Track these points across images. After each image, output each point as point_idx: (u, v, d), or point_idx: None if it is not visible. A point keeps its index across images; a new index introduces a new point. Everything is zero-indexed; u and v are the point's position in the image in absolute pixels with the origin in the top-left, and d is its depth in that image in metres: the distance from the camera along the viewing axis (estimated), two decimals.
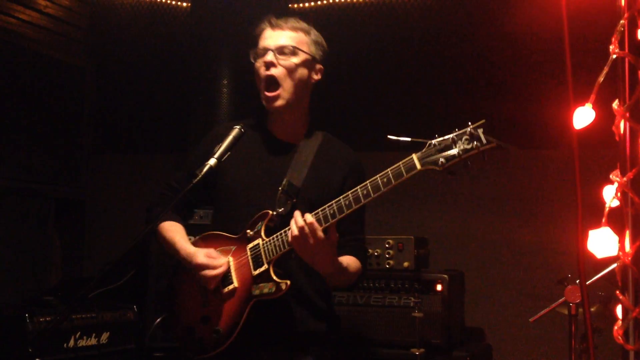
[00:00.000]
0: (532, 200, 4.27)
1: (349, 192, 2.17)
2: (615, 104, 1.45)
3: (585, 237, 1.47)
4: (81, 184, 4.63)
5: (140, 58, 5.23)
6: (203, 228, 2.61)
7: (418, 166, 2.06)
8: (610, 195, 1.43)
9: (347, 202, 2.15)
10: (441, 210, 4.12)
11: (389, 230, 3.96)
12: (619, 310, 1.41)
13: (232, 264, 2.35)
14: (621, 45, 1.46)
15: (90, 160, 4.69)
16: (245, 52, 3.29)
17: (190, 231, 3.76)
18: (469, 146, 1.99)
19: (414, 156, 2.08)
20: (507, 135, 2.31)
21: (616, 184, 1.42)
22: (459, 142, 2.01)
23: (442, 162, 2.03)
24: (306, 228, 2.14)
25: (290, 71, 2.41)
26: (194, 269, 2.35)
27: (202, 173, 2.27)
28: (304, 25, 2.49)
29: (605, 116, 1.52)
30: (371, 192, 2.12)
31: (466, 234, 4.51)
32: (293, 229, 2.17)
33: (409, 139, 2.07)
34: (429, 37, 4.42)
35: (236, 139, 2.41)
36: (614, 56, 1.45)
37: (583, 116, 1.47)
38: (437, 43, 4.34)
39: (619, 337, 1.37)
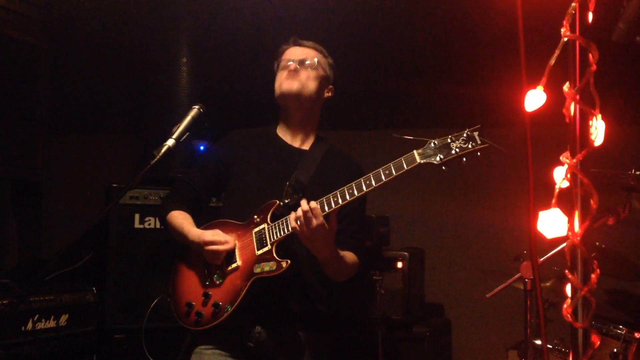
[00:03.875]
0: (488, 180, 4.35)
1: (353, 182, 2.35)
2: (565, 87, 1.47)
3: (536, 217, 1.50)
4: (38, 165, 4.51)
5: (98, 36, 5.12)
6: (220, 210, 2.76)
7: (418, 159, 2.29)
8: (560, 177, 1.46)
9: (350, 191, 2.35)
10: (402, 190, 4.15)
11: None
12: (568, 288, 1.44)
13: (237, 245, 2.53)
14: (572, 28, 1.48)
15: (47, 141, 4.58)
16: (205, 30, 3.25)
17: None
18: (465, 145, 2.26)
19: (415, 152, 2.30)
20: (462, 115, 2.34)
21: (566, 166, 1.44)
22: (457, 141, 2.28)
23: (440, 158, 2.28)
24: (309, 212, 2.32)
25: (309, 78, 2.66)
26: (202, 245, 2.51)
27: (160, 153, 2.42)
28: (322, 49, 2.76)
29: (556, 98, 1.54)
30: (373, 182, 2.32)
31: (426, 213, 4.57)
32: (297, 211, 2.36)
33: (411, 137, 2.30)
34: (385, 21, 4.40)
35: (195, 119, 2.55)
36: (565, 39, 1.47)
37: (534, 99, 1.48)
38: (393, 26, 4.33)
39: (568, 315, 1.41)
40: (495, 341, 4.17)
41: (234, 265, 2.50)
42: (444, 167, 2.29)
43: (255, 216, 2.54)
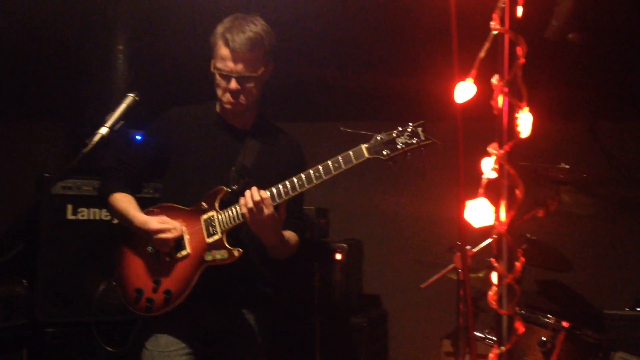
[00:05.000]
0: (425, 172, 4.41)
1: (302, 173, 2.41)
2: (494, 79, 1.50)
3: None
4: None
5: (33, 20, 4.95)
6: (155, 201, 2.73)
7: (366, 154, 2.37)
8: (487, 167, 1.48)
9: (300, 182, 2.41)
10: (341, 183, 4.16)
11: None
12: (494, 277, 1.47)
13: (185, 232, 2.54)
14: (502, 22, 1.51)
15: None
16: (142, 17, 3.15)
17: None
18: (410, 141, 2.34)
19: (363, 146, 2.38)
20: (398, 108, 2.39)
21: (494, 157, 1.47)
22: (402, 137, 2.35)
23: (387, 152, 2.35)
24: (261, 202, 2.37)
25: (252, 89, 2.60)
26: (149, 234, 2.51)
27: (93, 142, 2.41)
28: (257, 34, 2.57)
29: (488, 90, 1.56)
30: (322, 174, 2.38)
31: (364, 206, 4.62)
32: (249, 201, 2.39)
33: (359, 132, 2.37)
34: (321, 13, 4.37)
35: (130, 107, 2.51)
36: (495, 32, 1.50)
37: (464, 90, 1.51)
38: (327, 18, 4.29)
39: (494, 303, 1.44)
40: (430, 331, 4.25)
41: (184, 253, 2.52)
42: (390, 163, 2.36)
43: (203, 203, 2.54)
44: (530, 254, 3.46)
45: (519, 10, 1.53)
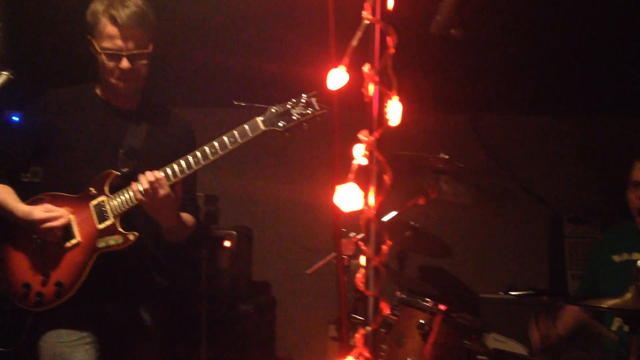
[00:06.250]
0: (312, 159, 4.45)
1: (197, 150, 2.36)
2: (366, 68, 1.53)
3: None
4: None
5: None
6: (35, 186, 2.61)
7: (262, 127, 2.35)
8: (358, 154, 1.52)
9: (195, 160, 2.37)
10: (231, 169, 4.15)
11: None
12: (362, 259, 1.52)
13: (73, 220, 2.43)
14: (374, 12, 1.55)
15: None
16: None
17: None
18: (305, 111, 2.35)
19: (258, 119, 2.36)
20: (271, 94, 2.40)
21: (364, 143, 1.51)
22: (297, 108, 2.35)
23: (282, 124, 2.35)
24: (155, 183, 2.32)
25: (143, 68, 2.51)
26: (34, 224, 2.39)
27: None
28: (141, 8, 2.47)
29: (359, 78, 1.60)
30: (219, 149, 2.35)
31: (254, 192, 4.62)
32: (143, 183, 2.34)
33: (252, 104, 2.38)
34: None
35: (3, 87, 2.39)
36: (367, 22, 1.53)
37: (337, 78, 1.54)
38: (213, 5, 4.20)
39: (361, 284, 1.49)
40: (317, 316, 4.32)
41: (73, 242, 2.42)
42: (287, 134, 2.36)
43: (91, 188, 2.44)
44: (413, 240, 3.59)
45: (390, 2, 1.57)
